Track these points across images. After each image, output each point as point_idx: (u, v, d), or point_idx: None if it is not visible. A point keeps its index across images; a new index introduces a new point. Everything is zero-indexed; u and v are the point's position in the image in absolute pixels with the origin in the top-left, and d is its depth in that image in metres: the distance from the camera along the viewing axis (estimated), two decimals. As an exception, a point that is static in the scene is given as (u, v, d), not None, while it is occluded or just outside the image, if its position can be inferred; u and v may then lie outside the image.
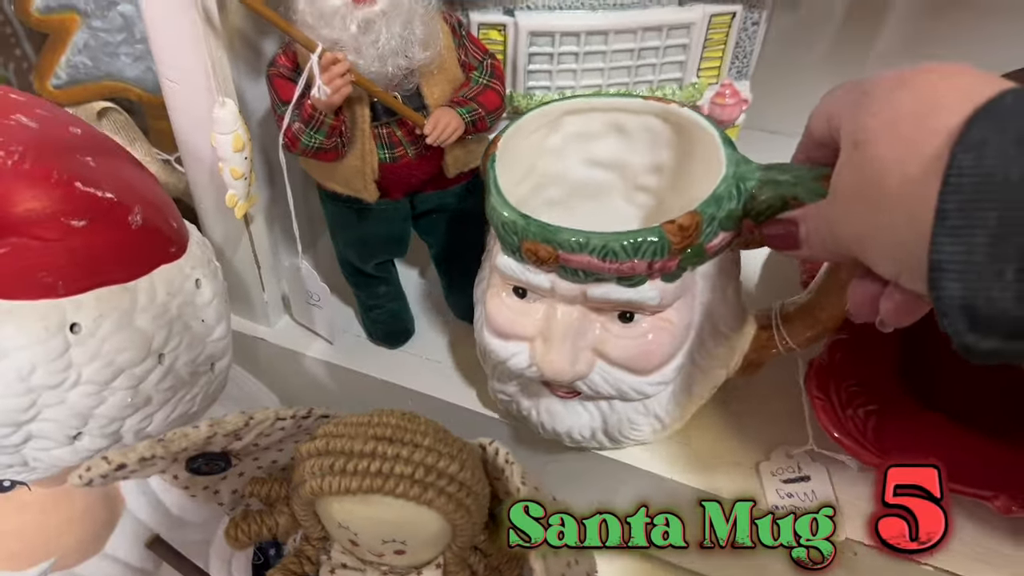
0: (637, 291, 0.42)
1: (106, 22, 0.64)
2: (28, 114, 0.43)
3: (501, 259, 0.44)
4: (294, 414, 0.39)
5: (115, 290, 0.41)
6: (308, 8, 0.45)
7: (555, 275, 0.42)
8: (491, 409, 0.55)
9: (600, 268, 0.41)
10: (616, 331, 0.44)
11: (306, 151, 0.48)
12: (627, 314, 0.44)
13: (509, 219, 0.42)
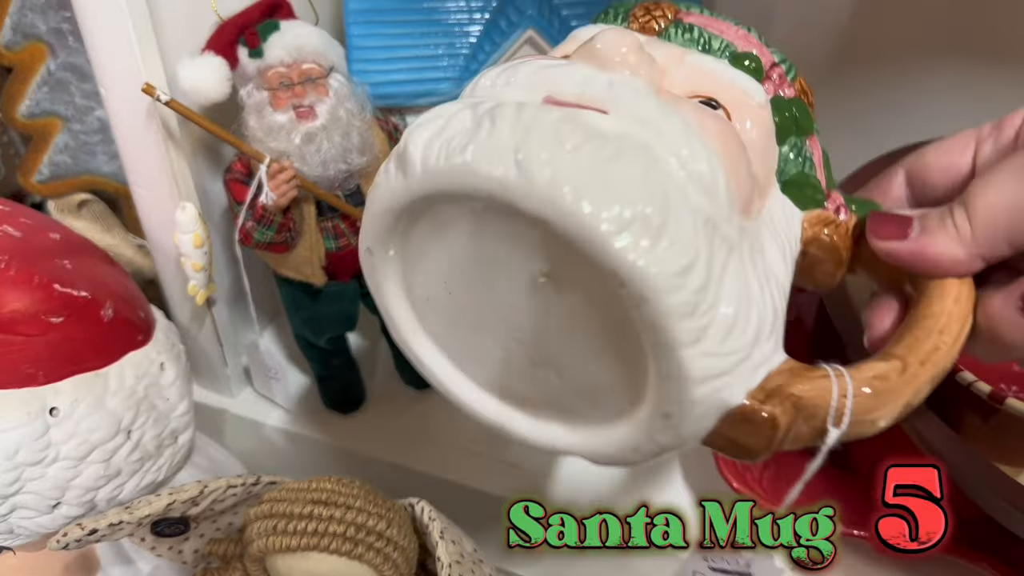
0: (745, 77, 0.31)
1: (85, 125, 0.71)
2: (13, 224, 0.49)
3: (581, 30, 0.34)
4: (244, 482, 0.45)
5: (89, 377, 0.47)
6: (258, 125, 0.52)
7: (654, 38, 0.32)
8: (433, 469, 0.61)
9: (726, 31, 0.33)
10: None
11: (259, 245, 0.54)
12: (712, 103, 0.30)
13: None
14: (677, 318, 0.24)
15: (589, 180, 0.24)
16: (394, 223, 0.29)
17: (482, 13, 0.59)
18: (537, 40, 0.58)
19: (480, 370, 0.33)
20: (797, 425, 0.27)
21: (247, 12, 0.52)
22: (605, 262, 0.24)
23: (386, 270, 0.32)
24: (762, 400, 0.26)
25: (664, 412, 0.26)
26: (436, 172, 0.25)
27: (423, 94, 0.60)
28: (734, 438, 0.27)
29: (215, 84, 0.51)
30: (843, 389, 0.27)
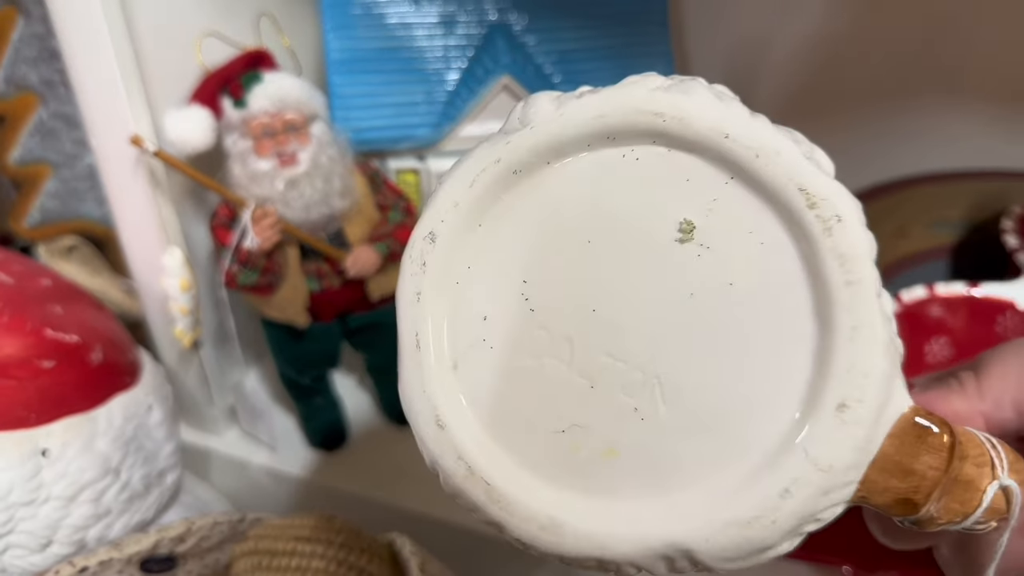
0: None
1: (74, 171, 0.73)
2: (6, 271, 0.51)
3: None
4: (229, 519, 0.46)
5: (79, 419, 0.48)
6: (242, 172, 0.54)
7: None
8: (416, 505, 0.62)
9: None
10: None
11: (244, 288, 0.56)
12: None
13: None
14: (869, 254, 0.23)
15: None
16: (527, 166, 0.25)
17: (459, 61, 0.62)
18: (512, 87, 0.60)
19: (530, 437, 0.25)
20: (958, 466, 0.23)
21: (231, 64, 0.54)
22: (799, 180, 0.23)
23: (446, 270, 0.26)
24: (928, 413, 0.24)
25: (842, 401, 0.22)
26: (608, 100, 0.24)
27: (403, 139, 0.62)
28: (907, 462, 0.23)
29: (201, 134, 0.53)
30: (991, 440, 0.24)
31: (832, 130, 0.74)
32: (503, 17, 0.62)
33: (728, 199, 0.23)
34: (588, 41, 0.63)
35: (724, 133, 0.23)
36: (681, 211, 0.24)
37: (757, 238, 0.23)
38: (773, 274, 0.23)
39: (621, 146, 0.24)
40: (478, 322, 0.25)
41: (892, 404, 0.23)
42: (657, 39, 0.64)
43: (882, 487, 0.23)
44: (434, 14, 0.61)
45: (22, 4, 0.67)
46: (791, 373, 0.23)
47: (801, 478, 0.22)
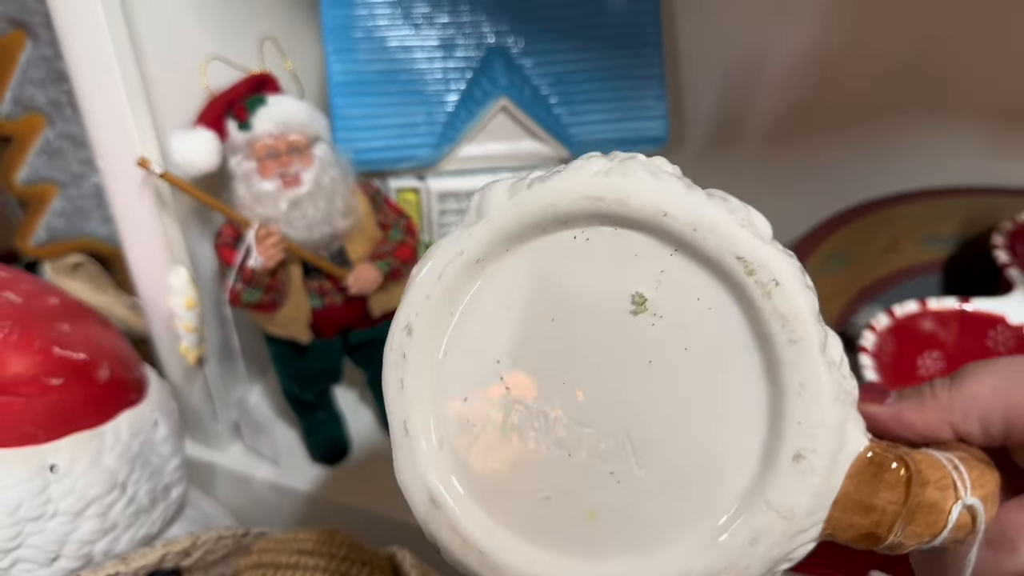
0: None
1: (81, 190, 0.74)
2: (14, 290, 0.52)
3: None
4: (234, 533, 0.47)
5: (86, 435, 0.49)
6: (247, 193, 0.55)
7: None
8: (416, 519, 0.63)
9: None
10: None
11: (247, 306, 0.57)
12: None
13: None
14: (809, 312, 0.24)
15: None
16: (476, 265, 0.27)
17: (458, 83, 0.63)
18: (510, 108, 0.61)
19: (516, 506, 0.27)
20: (919, 492, 0.25)
21: (236, 87, 0.56)
22: (735, 249, 0.24)
23: (425, 354, 0.28)
24: (885, 449, 0.25)
25: (797, 452, 0.24)
26: (609, 186, 0.25)
27: (403, 159, 0.63)
28: (867, 500, 0.24)
29: (206, 156, 0.54)
30: (952, 462, 0.26)
31: (825, 147, 0.75)
32: (501, 40, 0.63)
33: (674, 270, 0.25)
34: (584, 63, 0.65)
35: (663, 211, 0.24)
36: (632, 285, 0.25)
37: (705, 304, 0.25)
38: (723, 337, 0.25)
39: (572, 228, 0.26)
40: (458, 402, 0.27)
41: (846, 447, 0.24)
42: (651, 61, 0.65)
43: (846, 524, 0.24)
44: (434, 38, 0.63)
45: (30, 27, 0.69)
46: (749, 429, 0.24)
47: (766, 527, 0.24)
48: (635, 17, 0.65)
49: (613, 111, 0.65)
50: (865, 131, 0.73)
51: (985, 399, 0.28)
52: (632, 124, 0.65)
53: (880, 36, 0.68)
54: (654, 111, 0.65)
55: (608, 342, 0.25)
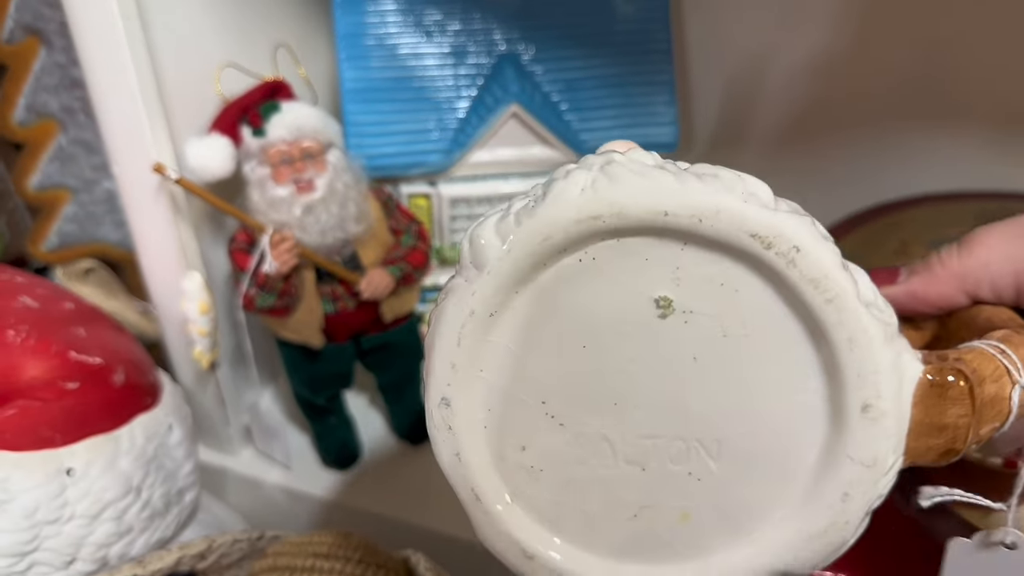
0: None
1: (93, 196, 0.75)
2: (31, 295, 0.53)
3: None
4: (249, 536, 0.48)
5: (102, 439, 0.50)
6: (261, 198, 0.55)
7: None
8: (428, 523, 0.63)
9: None
10: None
11: (261, 310, 0.58)
12: None
13: None
14: (835, 266, 0.24)
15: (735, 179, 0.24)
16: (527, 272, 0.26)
17: (469, 90, 0.63)
18: (521, 115, 0.62)
19: (610, 532, 0.28)
20: (983, 392, 0.25)
21: (250, 94, 0.56)
22: (746, 227, 0.23)
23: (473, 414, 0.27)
24: (940, 367, 0.25)
25: (863, 403, 0.24)
26: (607, 200, 0.24)
27: (415, 165, 0.63)
28: (937, 420, 0.25)
29: (221, 162, 0.55)
30: (999, 348, 0.26)
31: (833, 151, 0.75)
32: (512, 47, 0.64)
33: (690, 264, 0.24)
34: (594, 70, 0.65)
35: (663, 212, 0.23)
36: (653, 289, 0.25)
37: (731, 288, 0.24)
38: (759, 315, 0.24)
39: (575, 253, 0.25)
40: (518, 453, 0.27)
41: (906, 380, 0.24)
42: (660, 68, 0.65)
43: (923, 449, 0.25)
44: (445, 45, 0.63)
45: (44, 34, 0.69)
46: (810, 394, 0.25)
47: (854, 479, 0.24)
48: (644, 24, 0.65)
49: (623, 117, 0.65)
50: (873, 136, 0.74)
51: (996, 265, 0.28)
52: (642, 130, 0.65)
53: (888, 40, 0.68)
54: (664, 117, 0.65)
55: (646, 352, 0.25)
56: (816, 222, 0.24)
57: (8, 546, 0.46)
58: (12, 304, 0.51)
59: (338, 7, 0.63)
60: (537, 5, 0.64)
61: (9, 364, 0.48)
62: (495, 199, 0.65)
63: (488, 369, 0.26)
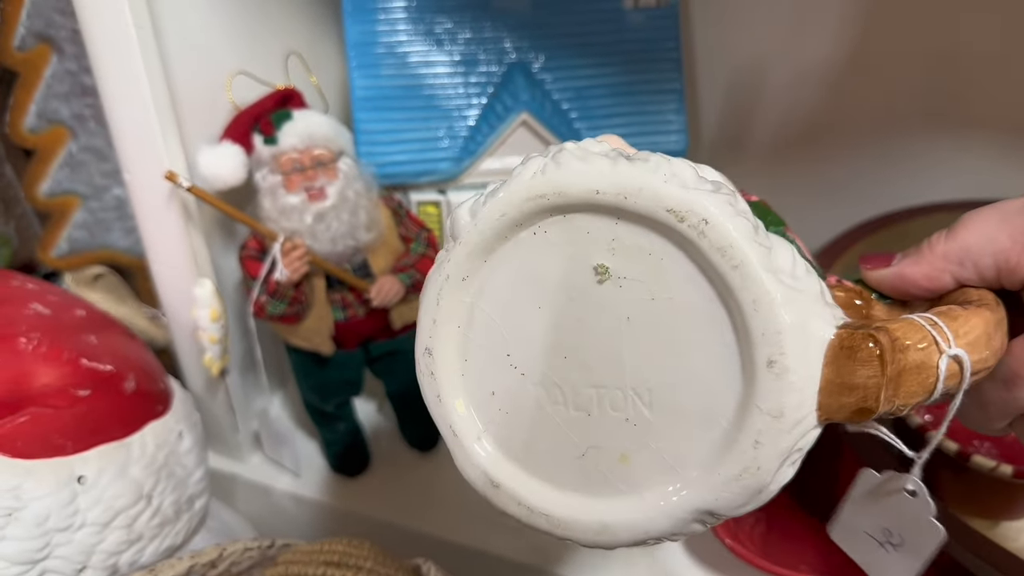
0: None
1: (103, 203, 0.75)
2: (42, 302, 0.53)
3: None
4: (259, 545, 0.48)
5: (113, 446, 0.50)
6: (272, 206, 0.56)
7: None
8: (441, 531, 0.63)
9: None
10: None
11: (271, 318, 0.58)
12: None
13: None
14: (743, 237, 0.26)
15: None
16: (485, 250, 0.30)
17: (479, 98, 0.64)
18: (531, 123, 0.62)
19: (562, 467, 0.31)
20: (900, 358, 0.27)
21: (262, 102, 0.56)
22: (663, 204, 0.27)
23: (449, 340, 0.32)
24: (853, 332, 0.27)
25: (768, 359, 0.27)
26: (553, 183, 0.28)
27: (425, 173, 0.64)
28: (847, 380, 0.27)
29: (233, 170, 0.55)
30: (931, 320, 0.28)
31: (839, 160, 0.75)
32: (522, 56, 0.64)
33: (623, 236, 0.28)
34: (604, 79, 0.65)
35: (595, 191, 0.27)
36: (593, 258, 0.29)
37: (657, 257, 0.28)
38: (678, 280, 0.28)
39: (529, 227, 0.29)
40: (488, 398, 0.31)
41: (814, 341, 0.27)
42: (670, 76, 0.66)
43: (836, 406, 0.27)
44: (456, 53, 0.63)
45: (55, 41, 0.69)
46: (726, 352, 0.28)
47: (763, 429, 0.27)
48: (654, 33, 0.65)
49: (632, 125, 0.65)
50: (883, 144, 0.74)
51: (978, 247, 0.30)
52: (651, 138, 0.66)
53: (897, 49, 0.68)
54: (673, 125, 0.66)
55: (590, 312, 0.29)
56: (736, 198, 0.27)
57: (19, 554, 0.46)
58: (23, 311, 0.51)
59: (348, 15, 0.63)
60: (547, 14, 0.64)
61: (21, 371, 0.48)
62: (504, 207, 0.66)
63: (462, 325, 0.31)
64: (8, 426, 0.47)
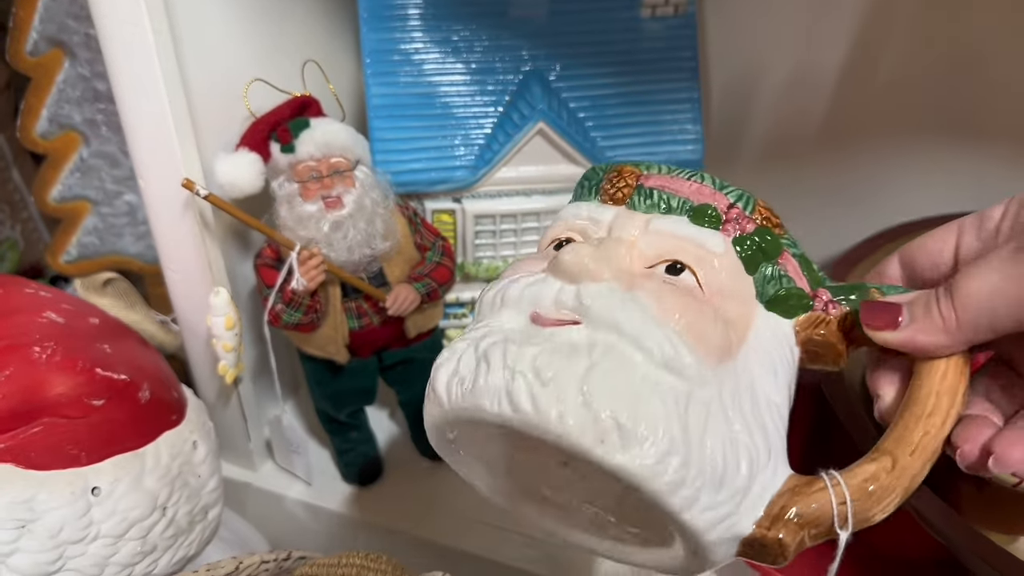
0: (704, 231, 0.34)
1: (114, 208, 0.74)
2: (56, 310, 0.52)
3: (566, 211, 0.38)
4: (276, 557, 0.47)
5: (128, 457, 0.49)
6: (289, 215, 0.55)
7: (623, 208, 0.36)
8: (455, 541, 0.62)
9: (680, 188, 0.35)
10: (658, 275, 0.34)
11: (287, 326, 0.57)
12: (677, 265, 0.33)
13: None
14: (668, 494, 0.28)
15: (569, 402, 0.28)
16: (443, 435, 0.35)
17: (495, 107, 0.63)
18: (547, 132, 0.61)
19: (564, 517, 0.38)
20: (805, 537, 0.30)
21: (279, 110, 0.56)
22: (596, 464, 0.28)
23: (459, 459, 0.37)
24: (768, 527, 0.30)
25: (692, 550, 0.31)
26: (456, 407, 0.31)
27: (441, 181, 0.63)
28: (754, 557, 0.31)
29: (250, 178, 0.54)
30: (840, 497, 0.30)
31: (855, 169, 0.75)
32: (538, 64, 0.64)
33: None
34: (620, 87, 0.65)
35: (543, 439, 0.29)
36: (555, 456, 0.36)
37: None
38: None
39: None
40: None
41: (729, 541, 0.31)
42: (686, 86, 0.65)
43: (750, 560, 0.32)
44: (472, 61, 0.63)
45: (68, 46, 0.69)
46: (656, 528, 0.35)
47: (691, 567, 0.33)
48: (671, 42, 0.65)
49: (648, 135, 0.65)
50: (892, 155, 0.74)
51: (989, 308, 0.30)
52: (667, 148, 0.65)
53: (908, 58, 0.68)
54: (689, 135, 0.65)
55: (563, 474, 0.37)
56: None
57: (32, 566, 0.46)
58: (37, 319, 0.50)
59: (365, 23, 0.63)
60: (564, 23, 0.64)
61: (34, 381, 0.48)
62: (519, 215, 0.65)
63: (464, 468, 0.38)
64: (21, 436, 0.47)
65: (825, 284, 0.35)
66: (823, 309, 0.35)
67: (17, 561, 0.46)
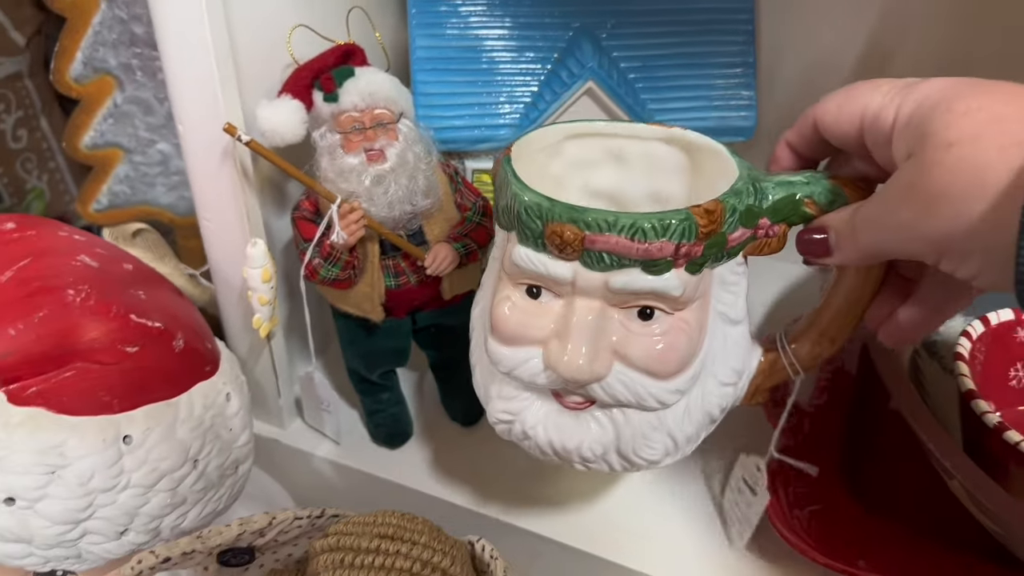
0: (662, 279, 0.39)
1: (147, 157, 0.73)
2: (90, 254, 0.51)
3: (518, 252, 0.41)
4: (309, 514, 0.46)
5: (161, 406, 0.48)
6: (330, 166, 0.53)
7: (577, 263, 0.40)
8: (483, 507, 0.61)
9: (627, 250, 0.38)
10: (635, 328, 0.41)
11: (324, 281, 0.56)
12: (647, 310, 0.40)
13: (532, 202, 0.39)
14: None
15: None
16: None
17: (543, 64, 0.61)
18: (596, 91, 0.59)
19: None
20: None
21: (323, 57, 0.54)
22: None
23: None
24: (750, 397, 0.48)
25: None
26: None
27: (484, 139, 0.61)
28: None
29: (293, 126, 0.53)
30: (795, 369, 0.48)
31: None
32: (589, 21, 0.62)
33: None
34: (673, 48, 0.63)
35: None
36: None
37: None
38: None
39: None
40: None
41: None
42: (742, 50, 0.63)
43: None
44: (521, 15, 0.61)
45: (106, -13, 0.67)
46: None
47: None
48: (727, 2, 0.63)
49: (700, 99, 0.63)
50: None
51: (875, 238, 0.37)
52: (719, 113, 0.63)
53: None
54: (743, 101, 0.63)
55: None
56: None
57: (62, 513, 0.45)
58: (71, 262, 0.49)
59: (412, -30, 0.61)
60: (618, -22, 0.62)
61: (68, 324, 0.46)
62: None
63: None
64: (54, 380, 0.46)
65: (763, 208, 0.42)
66: (764, 235, 0.43)
67: (46, 507, 0.45)
